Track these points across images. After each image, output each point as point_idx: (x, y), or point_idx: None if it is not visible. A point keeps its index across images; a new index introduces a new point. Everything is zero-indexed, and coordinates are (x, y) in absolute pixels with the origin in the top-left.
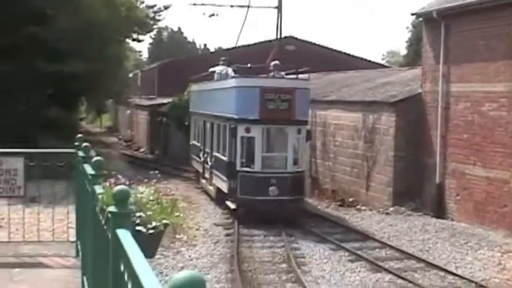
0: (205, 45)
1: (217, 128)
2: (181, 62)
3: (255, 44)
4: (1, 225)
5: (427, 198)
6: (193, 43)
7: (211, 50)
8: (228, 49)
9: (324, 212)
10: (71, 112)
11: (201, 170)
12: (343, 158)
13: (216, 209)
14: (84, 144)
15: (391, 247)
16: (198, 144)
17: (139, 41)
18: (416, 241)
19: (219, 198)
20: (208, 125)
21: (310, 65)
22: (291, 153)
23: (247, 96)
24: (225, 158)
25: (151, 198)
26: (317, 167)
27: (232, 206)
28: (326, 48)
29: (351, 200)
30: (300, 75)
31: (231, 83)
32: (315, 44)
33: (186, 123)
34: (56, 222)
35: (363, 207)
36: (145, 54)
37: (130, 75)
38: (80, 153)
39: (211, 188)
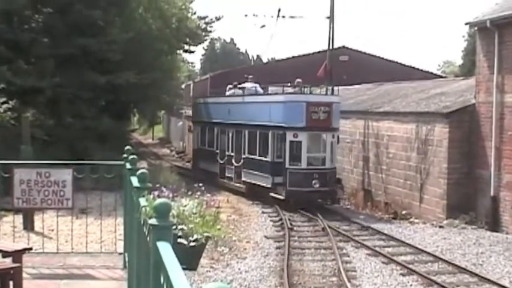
0: (258, 56)
1: (252, 135)
2: (234, 72)
3: (307, 54)
4: (50, 236)
5: (481, 210)
6: (246, 54)
7: (264, 60)
8: (280, 60)
9: (377, 224)
10: (123, 123)
11: (217, 171)
12: (396, 170)
13: (267, 221)
14: (132, 156)
15: (444, 261)
16: (213, 149)
17: (191, 52)
18: (469, 255)
19: (250, 193)
20: (232, 133)
21: (363, 75)
22: (329, 154)
23: (295, 108)
24: (267, 159)
25: (194, 211)
26: (370, 179)
27: (280, 197)
28: (380, 58)
29: (404, 212)
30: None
31: (280, 98)
32: (368, 54)
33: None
34: (105, 233)
35: (416, 220)
36: (198, 66)
37: (183, 86)
38: (128, 165)
39: (238, 184)
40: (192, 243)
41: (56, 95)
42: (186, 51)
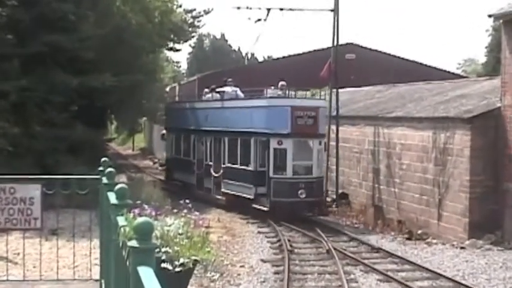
0: (252, 54)
1: (232, 142)
2: (225, 73)
3: (308, 52)
4: (15, 261)
5: (508, 229)
6: (239, 52)
7: (260, 59)
8: (277, 59)
9: (389, 245)
10: (99, 132)
11: (194, 182)
12: (410, 184)
13: (264, 242)
14: (109, 169)
15: (466, 287)
16: (189, 159)
17: (176, 50)
18: (495, 280)
19: (231, 205)
20: (210, 140)
21: (373, 75)
22: (315, 161)
23: (279, 113)
24: (249, 168)
25: (180, 231)
26: (381, 194)
27: (263, 208)
28: (392, 56)
29: (419, 232)
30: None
31: (262, 102)
32: (379, 51)
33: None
34: (78, 258)
35: (434, 241)
36: (184, 66)
37: (167, 89)
38: (104, 180)
39: (218, 196)
40: (178, 268)
41: (22, 99)
42: (170, 49)
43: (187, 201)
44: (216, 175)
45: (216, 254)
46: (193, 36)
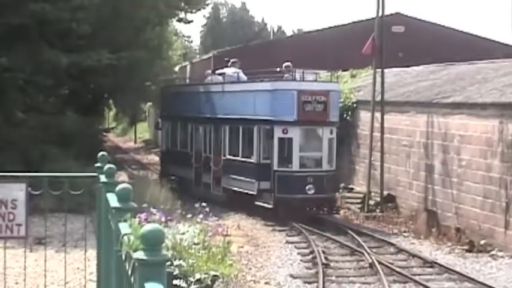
0: (279, 27)
1: (233, 131)
2: (247, 49)
3: (347, 24)
4: None
5: None
6: (263, 24)
7: (288, 33)
8: (310, 32)
9: (445, 259)
10: (94, 120)
11: (191, 177)
12: (471, 184)
13: (293, 254)
14: (108, 165)
15: None
16: (186, 151)
17: (187, 21)
18: None
19: (232, 202)
20: (209, 129)
21: (425, 52)
22: (326, 153)
23: (284, 98)
24: (251, 160)
25: (195, 240)
26: (435, 196)
27: (267, 205)
28: (448, 28)
29: (483, 242)
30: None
31: (266, 86)
32: (433, 23)
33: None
34: (70, 272)
35: (500, 253)
36: (196, 41)
37: (176, 69)
38: (102, 178)
39: (217, 193)
40: (193, 286)
41: (2, 81)
42: (180, 20)
43: (203, 204)
44: (216, 168)
45: (238, 268)
46: (207, 5)
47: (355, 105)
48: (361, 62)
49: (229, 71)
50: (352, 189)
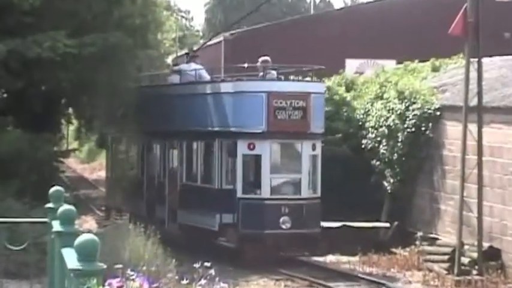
0: None
1: (189, 149)
2: (276, 31)
3: None
4: None
5: None
6: None
7: (337, 5)
8: (368, 3)
9: None
10: (45, 139)
11: (143, 211)
12: None
13: None
14: (65, 206)
15: None
16: (136, 175)
17: None
18: None
19: (191, 242)
20: (163, 146)
21: None
22: (306, 175)
23: (249, 103)
24: (211, 186)
25: None
26: (492, 228)
27: (231, 244)
28: None
29: None
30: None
31: (227, 87)
32: None
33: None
34: None
35: None
36: (199, 18)
37: (169, 60)
38: (56, 226)
39: (174, 231)
40: None
41: None
42: None
43: (206, 264)
44: (171, 199)
45: None
46: None
47: (438, 113)
48: (448, 48)
49: (185, 66)
50: (435, 239)
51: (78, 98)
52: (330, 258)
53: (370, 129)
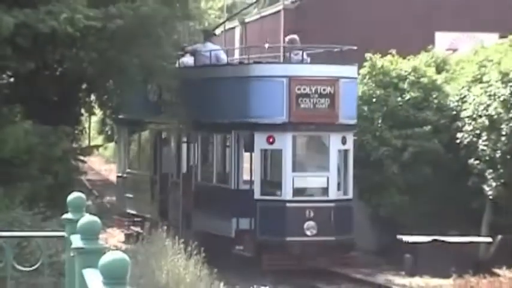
0: None
1: (204, 142)
2: None
3: None
4: None
5: None
6: None
7: None
8: None
9: None
10: (62, 133)
11: (155, 215)
12: None
13: None
14: (87, 218)
15: None
16: (147, 173)
17: None
18: None
19: (207, 251)
20: (178, 139)
21: None
22: (335, 173)
23: (268, 89)
24: (226, 186)
25: None
26: None
27: (247, 254)
28: None
29: None
30: None
31: (243, 71)
32: None
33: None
34: None
35: None
36: None
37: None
38: (76, 242)
39: (189, 236)
40: None
41: None
42: None
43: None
44: (186, 200)
45: None
46: None
47: None
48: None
49: (200, 46)
50: None
51: (102, 83)
52: (417, 281)
53: (466, 119)
